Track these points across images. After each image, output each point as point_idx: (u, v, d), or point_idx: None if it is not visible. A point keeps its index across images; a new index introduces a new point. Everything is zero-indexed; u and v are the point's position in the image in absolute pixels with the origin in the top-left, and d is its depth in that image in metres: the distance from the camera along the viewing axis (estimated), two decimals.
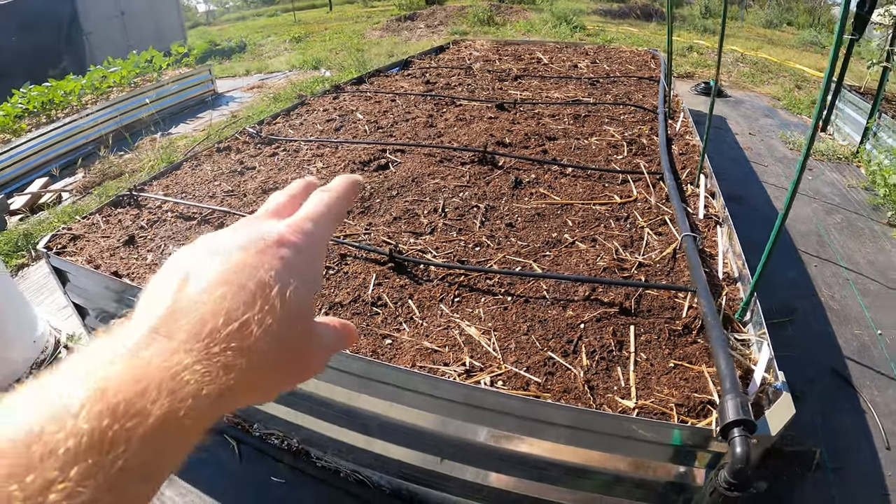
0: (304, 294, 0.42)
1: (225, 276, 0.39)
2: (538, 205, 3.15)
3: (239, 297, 0.38)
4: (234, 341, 0.36)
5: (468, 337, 2.19)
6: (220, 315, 0.37)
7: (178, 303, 0.38)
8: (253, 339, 0.37)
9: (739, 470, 1.52)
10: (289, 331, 0.40)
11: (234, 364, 0.36)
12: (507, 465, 2.10)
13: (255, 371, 0.37)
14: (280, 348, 0.39)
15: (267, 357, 0.38)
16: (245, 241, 0.42)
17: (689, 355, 2.08)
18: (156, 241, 3.09)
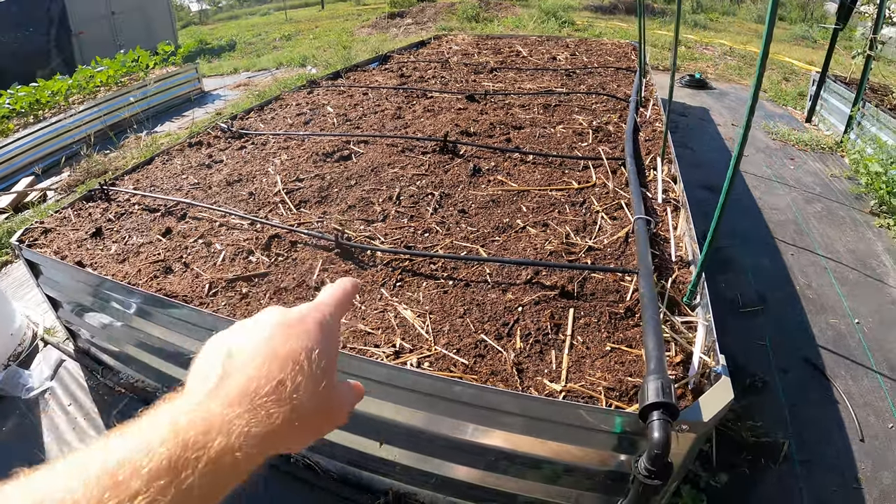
0: (327, 359, 0.53)
1: (263, 347, 0.50)
2: (494, 192, 3.10)
3: (275, 363, 0.49)
4: (274, 395, 0.46)
5: (403, 320, 2.14)
6: (262, 377, 0.47)
7: (227, 370, 0.49)
8: (287, 392, 0.47)
9: (657, 456, 1.45)
10: (315, 387, 0.50)
11: (274, 412, 0.46)
12: (442, 450, 2.05)
13: (291, 418, 0.47)
14: (310, 400, 0.49)
15: (299, 408, 0.48)
16: (278, 319, 0.54)
17: (628, 339, 2.02)
18: (121, 233, 3.08)
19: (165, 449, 0.40)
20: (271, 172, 3.55)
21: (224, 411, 0.44)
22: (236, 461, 0.42)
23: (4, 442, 3.07)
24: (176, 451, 0.40)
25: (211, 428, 0.42)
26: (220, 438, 0.42)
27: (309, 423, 0.50)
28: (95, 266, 2.76)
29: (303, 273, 2.54)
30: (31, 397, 3.32)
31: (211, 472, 0.41)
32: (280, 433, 0.46)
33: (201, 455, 0.41)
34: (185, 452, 0.40)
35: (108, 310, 2.79)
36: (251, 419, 0.44)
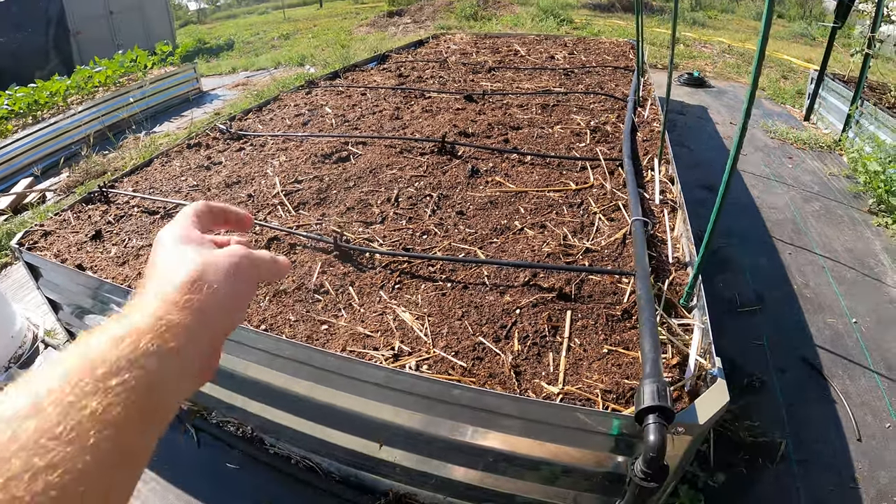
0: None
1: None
2: (492, 193, 3.11)
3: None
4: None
5: (401, 322, 2.15)
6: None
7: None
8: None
9: (652, 459, 1.46)
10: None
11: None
12: (441, 452, 2.06)
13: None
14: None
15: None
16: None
17: (625, 341, 2.03)
18: (120, 236, 3.08)
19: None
20: (270, 174, 3.55)
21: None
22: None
23: None
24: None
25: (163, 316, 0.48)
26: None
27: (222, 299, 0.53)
28: (96, 269, 2.77)
29: (302, 275, 2.55)
30: None
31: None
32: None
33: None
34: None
35: (108, 312, 2.79)
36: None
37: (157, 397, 0.43)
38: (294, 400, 2.31)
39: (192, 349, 0.48)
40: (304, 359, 2.03)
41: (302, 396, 2.26)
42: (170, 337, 0.46)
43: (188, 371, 0.48)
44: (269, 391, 2.38)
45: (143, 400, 0.42)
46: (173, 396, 0.46)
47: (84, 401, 0.39)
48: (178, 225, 0.60)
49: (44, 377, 0.40)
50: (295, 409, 2.38)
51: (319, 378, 2.07)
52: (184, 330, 0.47)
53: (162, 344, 0.45)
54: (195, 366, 0.49)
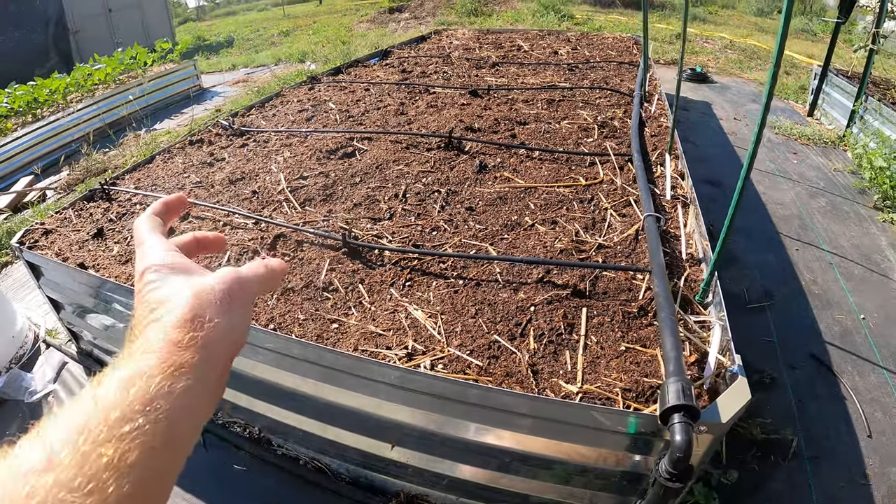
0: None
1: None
2: (501, 189, 3.07)
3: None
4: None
5: (414, 321, 2.11)
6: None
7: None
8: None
9: (679, 459, 1.43)
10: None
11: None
12: (456, 452, 2.03)
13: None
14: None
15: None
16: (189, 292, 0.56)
17: (642, 338, 2.00)
18: (123, 234, 3.04)
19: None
20: (274, 170, 3.51)
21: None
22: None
23: None
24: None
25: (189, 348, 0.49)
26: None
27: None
28: (98, 268, 2.73)
29: (310, 273, 2.51)
30: (34, 400, 3.27)
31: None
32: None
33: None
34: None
35: (111, 311, 2.75)
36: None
37: (174, 434, 0.43)
38: (303, 400, 2.28)
39: (201, 385, 0.48)
40: (315, 359, 2.00)
41: (311, 396, 2.22)
42: (179, 377, 0.46)
43: (201, 404, 0.48)
44: (277, 391, 2.35)
45: (159, 440, 0.42)
46: (191, 428, 0.46)
47: (100, 450, 0.39)
48: (154, 254, 0.58)
49: (57, 428, 0.40)
50: (304, 409, 2.34)
51: (331, 378, 2.04)
52: (191, 369, 0.47)
53: (173, 384, 0.45)
54: (207, 397, 0.49)
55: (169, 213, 0.69)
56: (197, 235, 0.70)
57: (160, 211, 0.67)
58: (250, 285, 0.59)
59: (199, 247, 0.70)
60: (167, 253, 0.58)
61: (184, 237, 0.68)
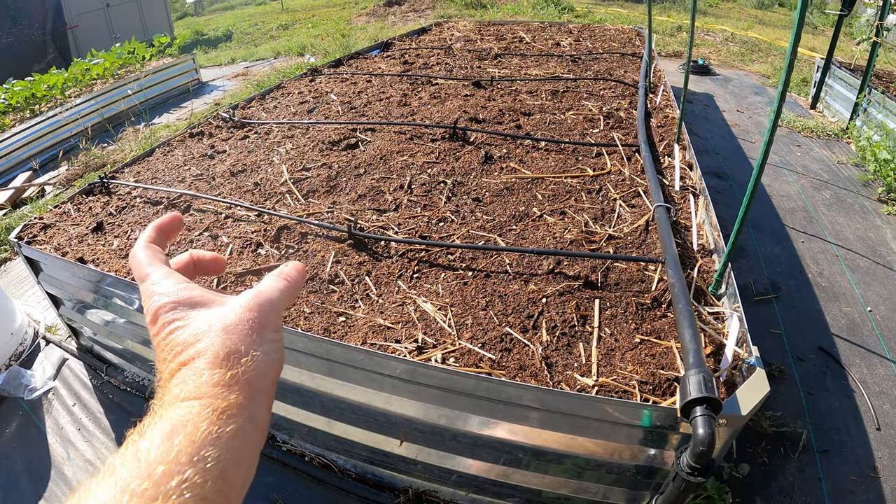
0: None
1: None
2: (507, 179, 3.03)
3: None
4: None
5: (423, 313, 2.07)
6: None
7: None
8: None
9: (702, 453, 1.39)
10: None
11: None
12: (467, 448, 1.99)
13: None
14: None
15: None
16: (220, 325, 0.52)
17: (656, 330, 1.96)
18: (123, 227, 2.98)
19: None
20: (276, 162, 3.46)
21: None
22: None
23: (7, 445, 2.98)
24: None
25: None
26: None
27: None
28: (98, 262, 2.68)
29: (315, 265, 2.46)
30: (34, 398, 3.23)
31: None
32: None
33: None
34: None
35: (111, 306, 2.71)
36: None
37: (227, 480, 0.41)
38: (309, 395, 2.24)
39: (251, 424, 0.46)
40: (323, 353, 1.95)
41: (318, 392, 2.18)
42: (227, 420, 0.43)
43: (253, 443, 0.46)
44: (281, 386, 2.31)
45: (211, 490, 0.39)
46: (244, 471, 0.44)
47: None
48: (163, 290, 0.54)
49: (97, 491, 0.38)
50: (309, 404, 2.30)
51: (339, 373, 1.99)
52: (239, 409, 0.45)
53: (220, 429, 0.42)
54: (258, 434, 0.47)
55: (164, 236, 0.64)
56: (193, 255, 0.65)
57: (154, 237, 0.62)
58: (277, 305, 0.55)
59: (197, 268, 0.66)
60: (178, 287, 0.54)
61: (180, 258, 0.64)
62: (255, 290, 0.55)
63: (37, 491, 2.76)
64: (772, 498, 2.63)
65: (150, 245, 0.60)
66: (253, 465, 0.45)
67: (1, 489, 2.77)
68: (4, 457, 2.93)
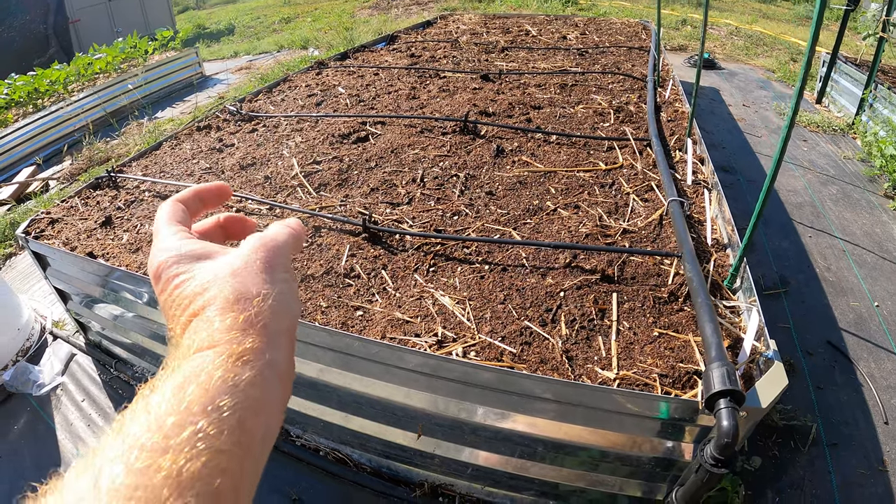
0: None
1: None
2: (520, 173, 3.03)
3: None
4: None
5: (441, 307, 2.07)
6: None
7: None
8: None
9: (726, 445, 1.40)
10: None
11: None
12: (486, 441, 2.00)
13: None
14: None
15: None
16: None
17: (674, 323, 1.97)
18: (132, 221, 2.98)
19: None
20: (286, 155, 3.46)
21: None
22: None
23: (16, 442, 2.97)
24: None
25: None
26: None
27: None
28: (107, 256, 2.67)
29: (330, 259, 2.46)
30: (43, 394, 3.21)
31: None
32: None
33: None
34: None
35: (121, 301, 2.70)
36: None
37: (245, 432, 0.38)
38: (326, 390, 2.24)
39: (270, 370, 0.42)
40: (342, 347, 1.95)
41: (335, 387, 2.18)
42: (243, 366, 0.40)
43: (273, 391, 0.42)
44: (296, 381, 2.30)
45: (227, 442, 0.36)
46: (265, 422, 0.41)
47: (158, 463, 0.33)
48: (166, 245, 0.51)
49: (106, 449, 0.35)
50: (326, 399, 2.31)
51: (358, 367, 2.00)
52: (255, 354, 0.42)
53: (237, 376, 0.39)
54: (278, 382, 0.43)
55: (203, 203, 0.61)
56: (220, 219, 0.63)
57: (189, 199, 0.59)
58: (285, 248, 0.53)
59: (226, 234, 0.63)
60: (181, 242, 0.51)
61: (206, 222, 0.62)
62: (260, 234, 0.53)
63: None
64: (783, 491, 2.64)
65: (176, 203, 0.57)
66: (276, 416, 0.43)
67: (9, 485, 2.76)
68: (13, 453, 2.92)
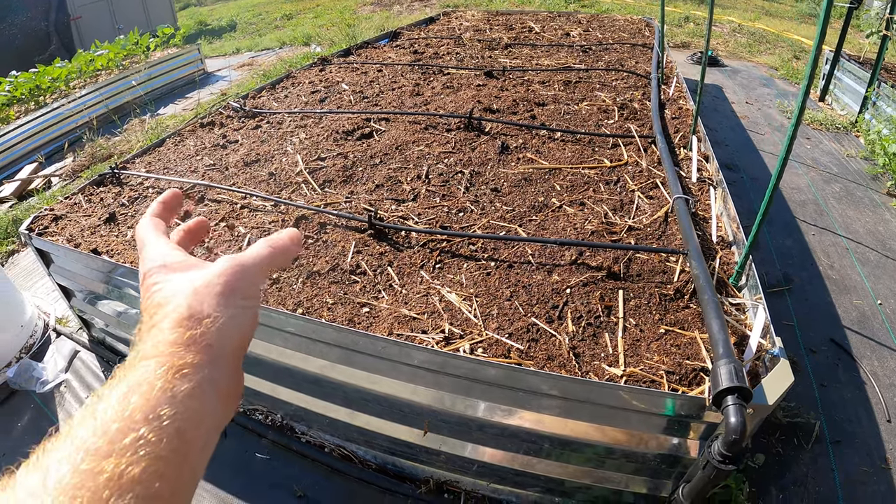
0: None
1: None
2: (525, 170, 3.03)
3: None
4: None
5: (448, 304, 2.08)
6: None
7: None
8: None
9: (734, 441, 1.40)
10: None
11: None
12: (493, 438, 2.00)
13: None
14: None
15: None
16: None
17: (680, 321, 1.97)
18: (136, 218, 2.97)
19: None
20: (290, 152, 3.46)
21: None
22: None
23: (20, 439, 2.96)
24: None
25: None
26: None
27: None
28: (111, 253, 2.67)
29: (335, 256, 2.46)
30: (46, 391, 3.19)
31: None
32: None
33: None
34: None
35: (125, 297, 2.70)
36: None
37: (184, 441, 0.41)
38: (331, 387, 2.24)
39: (209, 385, 0.45)
40: (349, 344, 1.96)
41: (341, 383, 2.18)
42: (181, 379, 0.43)
43: (211, 405, 0.45)
44: (303, 378, 2.31)
45: (166, 449, 0.39)
46: (203, 433, 0.43)
47: (101, 465, 0.36)
48: (152, 255, 0.56)
49: (55, 450, 0.38)
50: (331, 396, 2.31)
51: (364, 364, 2.00)
52: (194, 369, 0.44)
53: (175, 387, 0.42)
54: (216, 397, 0.46)
55: (167, 211, 0.66)
56: (183, 228, 0.68)
57: (159, 211, 0.65)
58: (253, 272, 0.55)
59: (191, 238, 0.68)
60: (166, 252, 0.56)
61: (174, 233, 0.67)
62: (233, 256, 0.56)
63: None
64: (786, 488, 2.65)
65: (153, 218, 0.63)
66: (214, 429, 0.45)
67: None
68: (17, 450, 2.89)
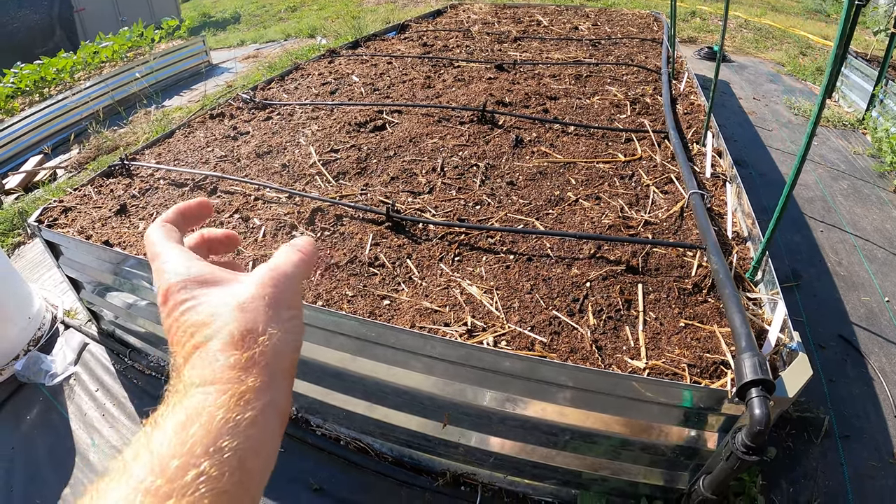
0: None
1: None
2: (540, 163, 3.04)
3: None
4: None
5: (469, 296, 2.09)
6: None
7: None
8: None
9: (758, 433, 1.43)
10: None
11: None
12: (512, 430, 2.02)
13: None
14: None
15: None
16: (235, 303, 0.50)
17: (699, 315, 1.99)
18: (147, 209, 2.97)
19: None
20: (303, 143, 3.46)
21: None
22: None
23: (29, 432, 2.95)
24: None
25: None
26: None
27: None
28: (124, 245, 2.66)
29: (353, 248, 2.47)
30: (55, 384, 3.18)
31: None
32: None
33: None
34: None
35: (136, 289, 2.69)
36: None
37: (246, 471, 0.39)
38: (351, 380, 2.25)
39: (271, 409, 0.43)
40: (372, 336, 1.96)
41: (361, 376, 2.19)
42: (245, 406, 0.41)
43: (273, 430, 0.43)
44: (321, 371, 2.32)
45: (229, 482, 0.37)
46: (265, 459, 0.41)
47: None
48: (174, 268, 0.51)
49: (109, 491, 0.36)
50: (350, 389, 2.32)
51: (385, 356, 2.01)
52: (257, 394, 0.42)
53: (239, 416, 0.40)
54: (278, 420, 0.44)
55: (186, 221, 0.61)
56: (204, 235, 0.62)
57: (174, 219, 0.59)
58: (294, 280, 0.52)
59: (210, 249, 0.63)
60: (190, 264, 0.51)
61: (190, 238, 0.61)
62: (270, 265, 0.52)
63: (60, 478, 2.72)
64: (797, 481, 2.67)
65: (166, 224, 0.57)
66: (273, 452, 0.43)
67: (23, 476, 2.74)
68: (26, 443, 2.90)
